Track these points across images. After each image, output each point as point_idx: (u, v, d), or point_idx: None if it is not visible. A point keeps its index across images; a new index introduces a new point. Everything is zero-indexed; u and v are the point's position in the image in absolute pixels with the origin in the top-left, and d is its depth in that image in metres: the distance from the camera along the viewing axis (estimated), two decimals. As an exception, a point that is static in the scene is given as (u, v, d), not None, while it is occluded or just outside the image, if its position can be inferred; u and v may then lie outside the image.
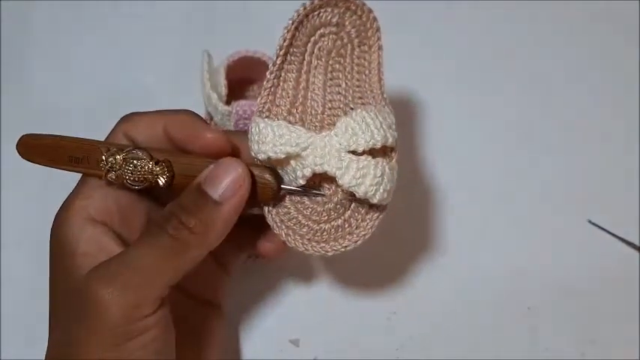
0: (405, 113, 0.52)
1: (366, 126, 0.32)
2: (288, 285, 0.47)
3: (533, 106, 0.53)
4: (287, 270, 0.47)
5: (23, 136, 0.34)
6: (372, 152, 0.32)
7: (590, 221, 0.48)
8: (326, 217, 0.33)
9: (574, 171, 0.51)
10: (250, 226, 0.37)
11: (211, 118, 0.46)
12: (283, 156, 0.32)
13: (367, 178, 0.31)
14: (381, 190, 0.32)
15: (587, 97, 0.53)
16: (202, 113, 0.47)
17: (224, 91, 0.45)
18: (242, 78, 0.48)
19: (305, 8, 0.34)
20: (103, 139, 0.34)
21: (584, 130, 0.52)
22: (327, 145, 0.31)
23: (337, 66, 0.35)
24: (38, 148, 0.33)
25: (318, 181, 0.34)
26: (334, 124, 0.32)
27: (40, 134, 0.34)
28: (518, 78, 0.54)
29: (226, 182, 0.31)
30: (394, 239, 0.47)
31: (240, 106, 0.42)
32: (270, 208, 0.34)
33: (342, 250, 0.33)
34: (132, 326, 0.29)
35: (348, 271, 0.47)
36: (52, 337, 0.32)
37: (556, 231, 0.48)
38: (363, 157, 0.31)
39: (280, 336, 0.45)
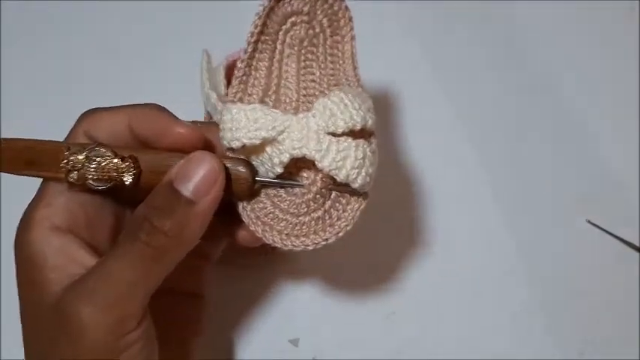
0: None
1: (345, 106, 0.30)
2: (287, 285, 0.46)
3: (533, 104, 0.53)
4: (286, 270, 0.46)
5: None
6: (351, 136, 0.30)
7: (589, 221, 0.48)
8: (305, 209, 0.31)
9: (574, 171, 0.50)
10: (228, 213, 0.34)
11: (210, 118, 0.45)
12: (259, 141, 0.30)
13: (348, 161, 0.29)
14: (363, 174, 0.30)
15: (587, 96, 0.53)
16: (202, 113, 0.47)
17: (223, 90, 0.43)
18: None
19: None
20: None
21: (584, 129, 0.52)
22: (305, 127, 0.30)
23: (310, 55, 0.34)
24: None
25: (295, 172, 0.32)
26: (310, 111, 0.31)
27: None
28: (519, 73, 0.54)
29: (199, 178, 0.29)
30: (393, 239, 0.47)
31: (240, 105, 0.41)
32: (245, 204, 0.32)
33: (324, 243, 0.31)
34: (117, 343, 0.27)
35: (347, 271, 0.46)
36: None
37: (556, 231, 0.48)
38: (342, 139, 0.30)
39: (280, 336, 0.44)
